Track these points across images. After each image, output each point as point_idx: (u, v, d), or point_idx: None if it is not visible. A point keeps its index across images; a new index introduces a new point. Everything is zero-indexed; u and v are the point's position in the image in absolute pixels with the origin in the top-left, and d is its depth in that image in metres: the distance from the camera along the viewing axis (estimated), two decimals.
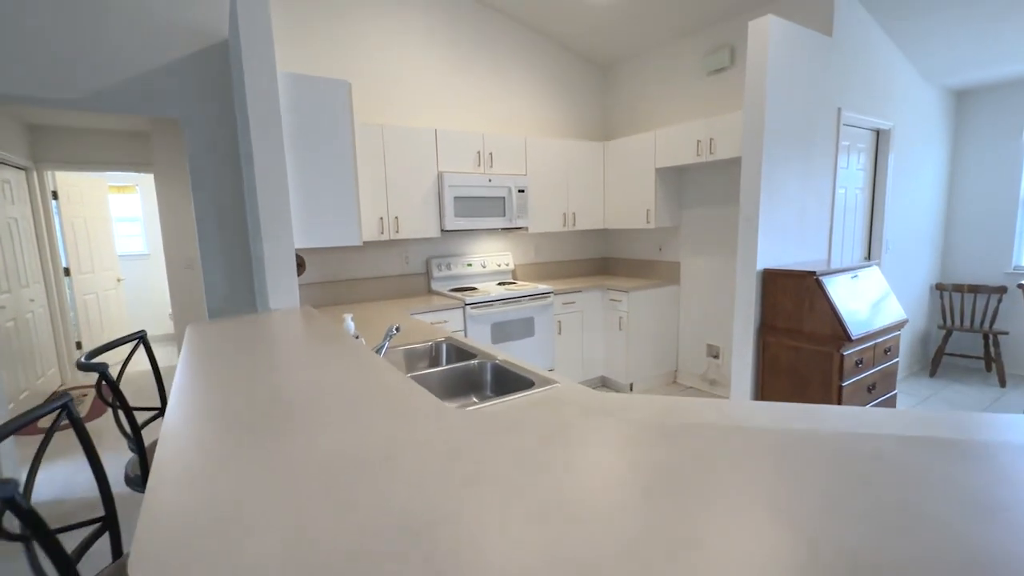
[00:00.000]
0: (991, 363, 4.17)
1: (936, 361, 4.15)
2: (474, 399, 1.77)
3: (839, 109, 3.08)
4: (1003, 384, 3.88)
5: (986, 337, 4.08)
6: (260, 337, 1.56)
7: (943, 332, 4.27)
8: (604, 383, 4.13)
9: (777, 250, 2.86)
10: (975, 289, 4.20)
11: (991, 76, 3.89)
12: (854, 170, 3.45)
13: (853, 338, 2.44)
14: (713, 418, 1.09)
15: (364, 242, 3.40)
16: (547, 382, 1.48)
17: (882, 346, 2.72)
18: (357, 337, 1.77)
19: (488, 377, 1.79)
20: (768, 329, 2.79)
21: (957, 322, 4.29)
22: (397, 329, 1.70)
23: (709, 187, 3.76)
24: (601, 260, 4.75)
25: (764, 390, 2.83)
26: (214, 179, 2.77)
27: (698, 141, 3.41)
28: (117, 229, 6.04)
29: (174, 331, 4.78)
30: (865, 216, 3.66)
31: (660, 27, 3.73)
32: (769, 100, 2.63)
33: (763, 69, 2.59)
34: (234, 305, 2.83)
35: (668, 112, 3.99)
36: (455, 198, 3.38)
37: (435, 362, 2.09)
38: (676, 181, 3.93)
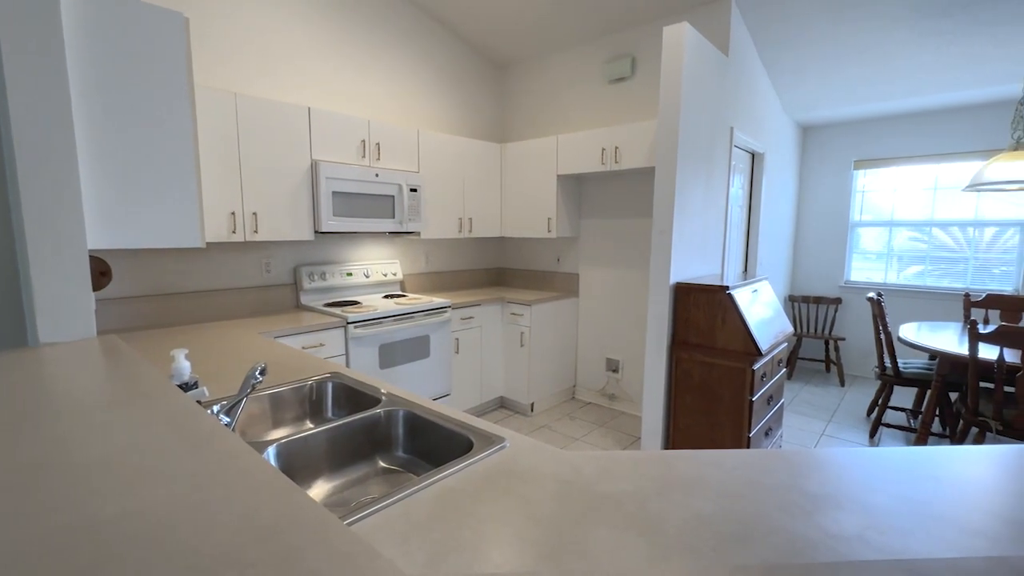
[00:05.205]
0: (830, 365, 4.78)
1: (791, 364, 4.61)
2: (381, 463, 1.28)
3: (732, 128, 3.19)
4: (843, 384, 4.43)
5: (827, 342, 4.65)
6: (5, 404, 0.90)
7: (795, 338, 4.77)
8: (503, 404, 3.80)
9: (684, 264, 2.81)
10: (818, 300, 4.78)
11: (831, 115, 4.46)
12: (736, 189, 3.64)
13: (763, 352, 2.44)
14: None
15: (208, 243, 2.62)
16: (490, 441, 1.07)
17: (776, 358, 2.81)
18: (195, 386, 1.17)
19: (400, 431, 1.32)
20: (680, 344, 2.71)
21: (806, 329, 4.84)
22: (263, 372, 1.15)
23: (608, 197, 3.68)
24: (496, 271, 4.44)
25: (676, 407, 2.74)
26: None
27: (603, 149, 3.28)
28: None
29: None
30: (743, 234, 3.90)
31: (560, 30, 3.56)
32: (683, 110, 2.56)
33: (678, 77, 2.51)
34: None
35: (568, 118, 3.84)
36: (334, 193, 2.78)
37: (317, 410, 1.53)
38: (576, 190, 3.79)
